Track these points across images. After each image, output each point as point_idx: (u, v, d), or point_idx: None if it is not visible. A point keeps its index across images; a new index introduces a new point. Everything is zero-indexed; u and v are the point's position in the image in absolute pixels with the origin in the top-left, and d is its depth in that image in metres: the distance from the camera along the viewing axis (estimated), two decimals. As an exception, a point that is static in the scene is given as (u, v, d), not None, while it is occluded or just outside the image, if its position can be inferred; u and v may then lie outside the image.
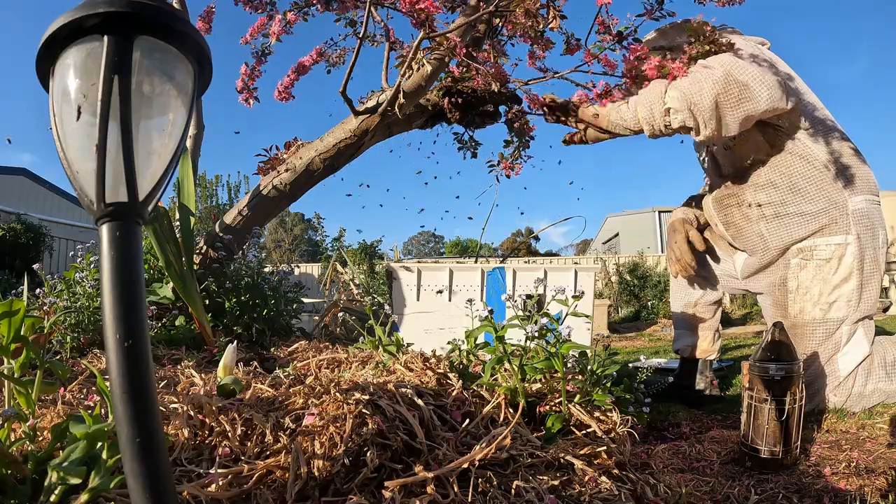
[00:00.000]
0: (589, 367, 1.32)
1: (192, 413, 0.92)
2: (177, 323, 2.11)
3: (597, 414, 1.23)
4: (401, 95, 2.32)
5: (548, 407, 1.24)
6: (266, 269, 2.57)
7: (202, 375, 1.30)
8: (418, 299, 2.68)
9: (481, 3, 2.14)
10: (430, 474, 0.83)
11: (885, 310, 6.79)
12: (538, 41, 2.13)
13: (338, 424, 0.87)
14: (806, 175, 2.24)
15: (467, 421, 1.04)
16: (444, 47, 2.08)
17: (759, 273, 2.45)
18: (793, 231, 2.27)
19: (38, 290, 2.05)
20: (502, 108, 2.82)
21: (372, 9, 2.10)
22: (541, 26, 2.05)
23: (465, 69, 2.45)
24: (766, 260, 2.39)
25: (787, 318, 2.30)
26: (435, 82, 2.50)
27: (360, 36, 2.15)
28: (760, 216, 2.34)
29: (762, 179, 2.32)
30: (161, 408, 0.92)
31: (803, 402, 1.75)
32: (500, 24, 2.46)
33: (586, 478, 0.95)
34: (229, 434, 0.88)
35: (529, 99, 2.66)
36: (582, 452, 1.03)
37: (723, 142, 2.34)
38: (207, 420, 0.92)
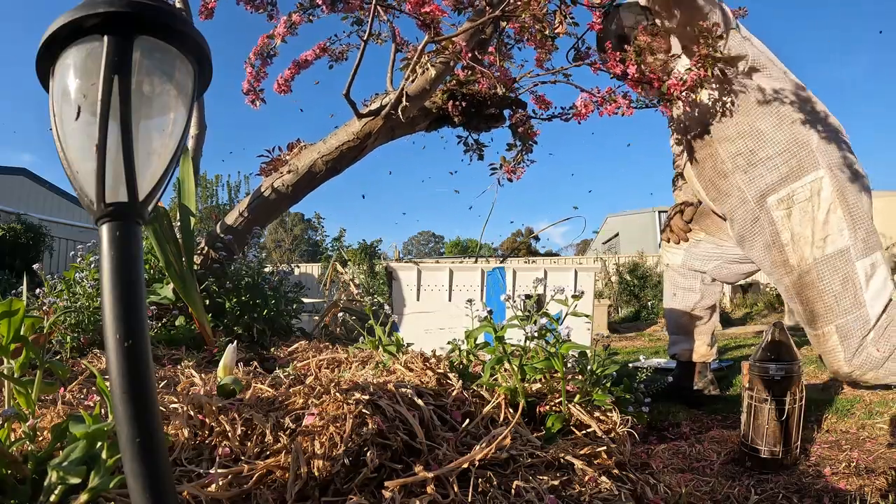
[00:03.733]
0: (589, 367, 1.32)
1: (192, 413, 0.92)
2: (177, 323, 2.11)
3: (597, 414, 1.23)
4: (405, 98, 2.32)
5: (548, 407, 1.24)
6: (266, 270, 2.57)
7: (202, 375, 1.30)
8: (418, 299, 2.68)
9: (487, 8, 2.14)
10: (430, 474, 0.83)
11: (886, 310, 6.77)
12: (544, 45, 2.13)
13: (338, 424, 0.87)
14: (766, 118, 2.31)
15: (467, 421, 1.04)
16: (449, 51, 2.08)
17: (749, 235, 2.45)
18: (765, 176, 2.32)
19: (38, 290, 2.05)
20: (507, 112, 2.82)
21: (378, 9, 2.10)
22: (547, 31, 2.05)
23: (469, 72, 2.45)
24: (748, 216, 2.41)
25: (792, 272, 2.29)
26: (439, 85, 2.50)
27: (365, 38, 2.15)
28: (735, 168, 2.39)
29: (730, 131, 2.38)
30: (161, 408, 0.92)
31: (803, 402, 1.75)
32: (506, 26, 2.46)
33: (586, 478, 0.95)
34: (229, 434, 0.88)
35: (535, 100, 2.67)
36: (582, 452, 1.03)
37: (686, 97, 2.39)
38: (207, 420, 0.91)
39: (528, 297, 1.36)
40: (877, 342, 2.16)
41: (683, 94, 2.14)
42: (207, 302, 2.23)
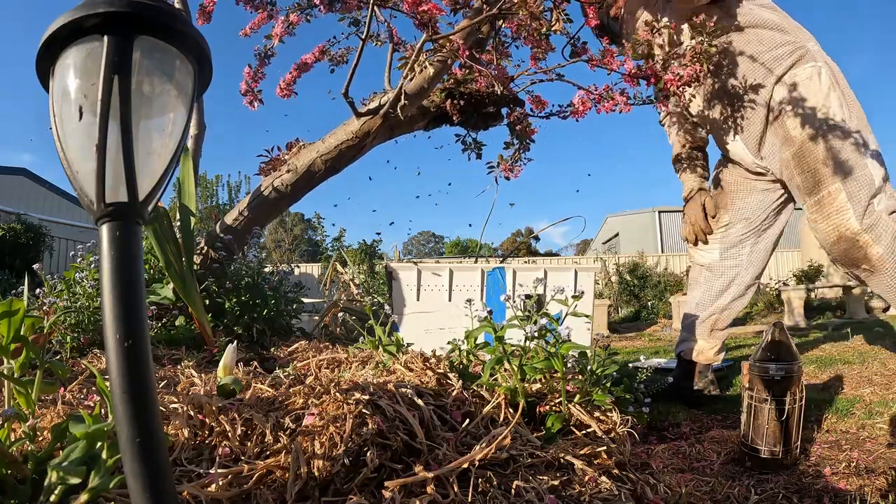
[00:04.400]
0: (589, 367, 1.32)
1: (192, 413, 0.92)
2: (177, 323, 2.11)
3: (597, 414, 1.23)
4: (403, 97, 2.32)
5: (548, 407, 1.24)
6: (266, 269, 2.57)
7: (202, 375, 1.30)
8: (418, 299, 2.68)
9: (485, 6, 2.14)
10: (430, 474, 0.83)
11: (886, 309, 6.79)
12: (541, 44, 2.13)
13: (338, 424, 0.87)
14: (765, 32, 2.46)
15: (467, 421, 1.04)
16: (447, 49, 2.09)
17: (762, 131, 2.50)
18: (773, 69, 2.43)
19: (38, 290, 2.05)
20: (504, 110, 2.82)
21: (375, 9, 2.10)
22: (544, 29, 2.06)
23: (467, 71, 2.46)
24: (760, 116, 2.48)
25: (794, 143, 2.35)
26: (437, 84, 2.50)
27: (363, 37, 2.15)
28: (729, 61, 2.50)
29: (733, 47, 2.50)
30: (161, 408, 0.92)
31: (803, 402, 1.75)
32: (503, 25, 2.46)
33: (586, 478, 0.95)
34: (229, 434, 0.88)
35: (532, 100, 2.67)
36: (582, 452, 1.03)
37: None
38: (207, 420, 0.92)
39: (528, 297, 1.36)
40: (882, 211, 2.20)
41: (680, 89, 2.15)
42: (207, 302, 2.23)
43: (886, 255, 2.20)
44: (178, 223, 2.15)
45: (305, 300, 3.56)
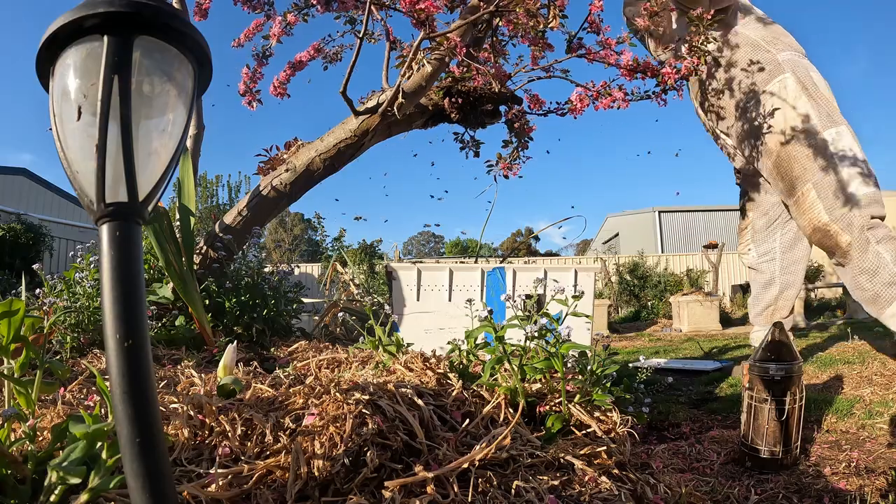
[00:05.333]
0: (589, 367, 1.32)
1: (192, 413, 0.92)
2: (177, 323, 2.11)
3: (597, 414, 1.23)
4: (401, 95, 2.32)
5: (548, 407, 1.24)
6: (266, 269, 2.57)
7: (202, 375, 1.29)
8: (418, 299, 2.68)
9: (481, 3, 2.14)
10: (430, 474, 0.83)
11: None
12: (538, 42, 2.14)
13: (338, 424, 0.87)
14: (745, 49, 2.99)
15: (467, 421, 1.04)
16: (444, 47, 2.09)
17: (747, 141, 3.01)
18: (743, 84, 2.97)
19: (37, 290, 2.05)
20: (502, 108, 2.83)
21: (372, 8, 2.10)
22: (541, 26, 2.06)
23: (465, 69, 2.46)
24: (742, 128, 3.02)
25: (772, 154, 2.83)
26: (435, 82, 2.50)
27: (360, 35, 2.15)
28: (726, 85, 3.08)
29: (723, 61, 3.08)
30: (161, 408, 0.92)
31: (803, 402, 1.75)
32: (500, 23, 2.46)
33: (586, 478, 0.95)
34: (229, 434, 0.88)
35: (529, 99, 2.67)
36: (582, 452, 1.03)
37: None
38: (207, 420, 0.91)
39: (528, 297, 1.36)
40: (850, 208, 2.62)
41: (678, 83, 2.17)
42: (207, 302, 2.22)
43: (854, 244, 2.60)
44: (178, 223, 2.15)
45: (305, 300, 3.55)
